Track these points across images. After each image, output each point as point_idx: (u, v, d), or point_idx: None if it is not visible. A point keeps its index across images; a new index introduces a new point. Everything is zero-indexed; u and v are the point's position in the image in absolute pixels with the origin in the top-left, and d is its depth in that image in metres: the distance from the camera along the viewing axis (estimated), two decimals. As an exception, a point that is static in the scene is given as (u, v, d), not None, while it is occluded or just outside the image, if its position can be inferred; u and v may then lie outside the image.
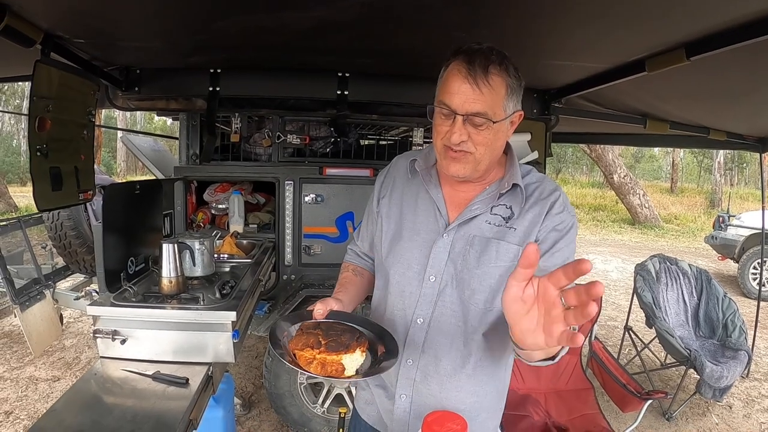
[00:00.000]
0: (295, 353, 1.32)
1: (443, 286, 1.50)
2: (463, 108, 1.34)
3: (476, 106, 1.33)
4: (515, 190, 1.48)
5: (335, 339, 1.35)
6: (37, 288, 3.94)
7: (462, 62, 1.34)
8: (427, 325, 1.53)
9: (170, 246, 2.26)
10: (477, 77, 1.32)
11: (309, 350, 1.31)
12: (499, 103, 1.36)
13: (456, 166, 1.42)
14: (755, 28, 1.84)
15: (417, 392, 1.57)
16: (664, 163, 37.49)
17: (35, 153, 2.21)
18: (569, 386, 3.61)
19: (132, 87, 3.19)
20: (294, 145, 3.58)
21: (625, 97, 3.43)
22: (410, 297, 1.54)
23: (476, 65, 1.32)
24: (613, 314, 7.41)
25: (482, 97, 1.33)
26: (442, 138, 1.42)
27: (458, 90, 1.34)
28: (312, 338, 1.34)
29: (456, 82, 1.35)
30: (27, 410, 3.98)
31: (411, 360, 1.55)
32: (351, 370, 1.33)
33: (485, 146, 1.39)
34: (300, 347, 1.32)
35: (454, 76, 1.35)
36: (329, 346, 1.32)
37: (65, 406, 1.67)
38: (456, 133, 1.36)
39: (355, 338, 1.38)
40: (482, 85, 1.32)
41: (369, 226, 1.76)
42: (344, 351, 1.32)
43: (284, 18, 2.12)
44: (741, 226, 9.55)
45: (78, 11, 2.11)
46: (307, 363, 1.30)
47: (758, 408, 4.71)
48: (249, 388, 4.52)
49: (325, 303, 1.45)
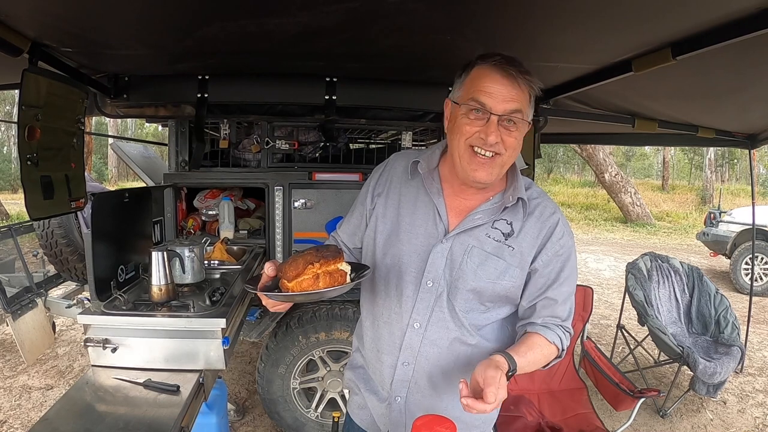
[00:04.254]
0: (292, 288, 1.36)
1: (440, 292, 1.51)
2: (502, 107, 1.35)
3: (513, 105, 1.35)
4: (517, 204, 1.50)
5: (322, 252, 1.38)
6: (29, 296, 3.92)
7: (496, 64, 1.36)
8: (423, 329, 1.53)
9: (159, 254, 2.26)
10: (516, 77, 1.34)
11: (310, 267, 1.33)
12: (527, 106, 1.39)
13: (483, 171, 1.41)
14: (740, 26, 1.84)
15: (412, 393, 1.58)
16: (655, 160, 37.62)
17: (25, 162, 2.20)
18: (562, 386, 3.62)
19: (120, 94, 3.17)
20: (283, 150, 3.57)
21: (613, 97, 3.44)
22: (407, 301, 1.54)
23: (510, 67, 1.34)
24: (606, 313, 7.44)
25: (520, 95, 1.36)
26: (468, 138, 1.40)
27: (495, 89, 1.35)
28: (307, 257, 1.35)
29: (492, 81, 1.36)
30: (21, 419, 3.97)
31: (407, 362, 1.56)
32: (348, 278, 1.40)
33: (513, 149, 1.41)
34: (301, 268, 1.33)
35: (488, 75, 1.36)
36: (326, 256, 1.35)
37: (57, 414, 1.67)
38: (492, 133, 1.36)
39: (334, 249, 1.41)
40: (519, 85, 1.35)
41: (354, 220, 1.76)
42: (339, 258, 1.38)
43: (269, 24, 2.12)
44: (732, 222, 9.59)
45: (64, 20, 2.11)
46: (315, 280, 1.33)
47: (752, 403, 4.74)
48: (243, 394, 4.51)
49: (272, 261, 1.47)
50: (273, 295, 1.37)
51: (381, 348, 1.62)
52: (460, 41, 2.34)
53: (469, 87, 1.40)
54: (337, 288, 1.35)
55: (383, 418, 1.65)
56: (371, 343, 1.67)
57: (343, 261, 1.40)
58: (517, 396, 3.41)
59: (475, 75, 1.39)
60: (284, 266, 1.38)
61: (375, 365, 1.66)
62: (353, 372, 1.79)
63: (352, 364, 1.82)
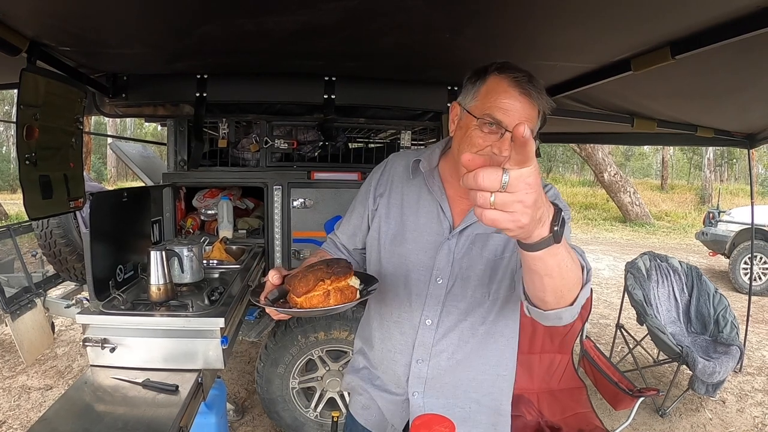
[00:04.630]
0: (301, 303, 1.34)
1: (450, 286, 1.53)
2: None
3: (528, 125, 1.33)
4: None
5: (333, 268, 1.36)
6: (28, 296, 3.93)
7: (517, 80, 1.35)
8: (435, 326, 1.55)
9: (158, 253, 2.25)
10: (533, 97, 1.35)
11: (321, 283, 1.32)
12: (536, 123, 1.41)
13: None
14: (739, 25, 1.84)
15: (429, 388, 1.60)
16: (654, 160, 37.62)
17: (24, 161, 2.20)
18: (561, 385, 3.62)
19: (119, 94, 3.17)
20: (282, 149, 3.57)
21: (612, 96, 3.44)
22: (417, 299, 1.56)
23: (530, 85, 1.35)
24: (605, 312, 7.44)
25: (532, 114, 1.36)
26: (480, 151, 1.39)
27: (512, 107, 1.35)
28: (318, 273, 1.34)
29: (509, 98, 1.35)
30: (20, 419, 3.96)
31: (422, 359, 1.58)
32: (359, 293, 1.39)
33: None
34: (312, 285, 1.32)
35: (506, 91, 1.36)
36: (336, 272, 1.34)
37: (56, 414, 1.66)
38: (506, 150, 1.34)
39: (344, 264, 1.40)
40: (533, 105, 1.35)
41: (354, 220, 1.77)
42: (350, 273, 1.37)
43: (267, 22, 2.12)
44: (731, 221, 9.61)
45: (63, 19, 2.10)
46: (326, 297, 1.32)
47: (751, 402, 4.74)
48: (242, 394, 4.51)
49: (276, 269, 1.45)
50: (283, 310, 1.37)
51: (393, 347, 1.63)
52: (460, 40, 2.34)
53: (485, 99, 1.39)
54: (347, 304, 1.34)
55: (398, 414, 1.65)
56: (381, 344, 1.67)
57: (353, 276, 1.39)
58: (517, 395, 3.39)
59: (492, 87, 1.38)
60: (294, 281, 1.35)
61: (387, 364, 1.66)
62: (356, 374, 1.78)
63: (354, 367, 1.81)
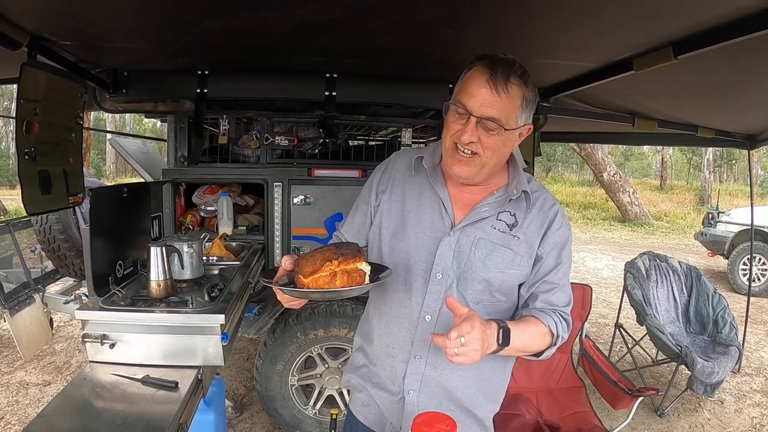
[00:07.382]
0: (307, 284, 1.33)
1: (450, 283, 1.53)
2: (479, 110, 1.37)
3: (491, 111, 1.37)
4: (521, 197, 1.54)
5: (342, 249, 1.36)
6: (27, 292, 3.92)
7: (485, 67, 1.38)
8: (434, 322, 1.55)
9: (158, 249, 2.25)
10: (497, 83, 1.36)
11: (328, 264, 1.32)
12: (513, 113, 1.40)
13: (461, 167, 1.46)
14: (742, 26, 1.85)
15: (425, 386, 1.60)
16: (653, 160, 37.62)
17: (23, 156, 2.19)
18: (561, 384, 3.62)
19: (119, 89, 3.16)
20: (282, 146, 3.57)
21: (613, 95, 3.44)
22: (417, 294, 1.56)
23: (498, 72, 1.36)
24: (604, 312, 7.44)
25: (499, 103, 1.37)
26: (452, 135, 1.45)
27: (477, 92, 1.37)
28: (326, 253, 1.34)
29: (476, 84, 1.38)
30: (18, 415, 3.95)
31: (420, 355, 1.58)
32: (367, 278, 1.38)
33: (492, 151, 1.43)
34: (318, 265, 1.32)
35: (475, 78, 1.39)
36: (345, 254, 1.34)
37: (55, 410, 1.66)
38: (467, 132, 1.39)
39: (354, 248, 1.40)
40: (501, 91, 1.36)
41: (357, 218, 1.77)
42: (360, 257, 1.37)
43: (268, 18, 2.11)
44: (730, 222, 9.61)
45: (63, 13, 2.10)
46: (332, 278, 1.32)
47: (749, 403, 4.74)
48: (240, 391, 4.50)
49: (290, 255, 1.46)
50: (288, 291, 1.37)
51: (391, 343, 1.63)
52: (461, 38, 2.33)
53: (459, 88, 1.45)
54: (355, 288, 1.33)
55: (395, 413, 1.65)
56: (379, 339, 1.67)
57: (363, 260, 1.39)
58: (516, 394, 3.40)
59: (467, 77, 1.43)
60: (301, 261, 1.36)
61: (385, 360, 1.66)
62: (356, 372, 1.77)
63: (354, 365, 1.81)
